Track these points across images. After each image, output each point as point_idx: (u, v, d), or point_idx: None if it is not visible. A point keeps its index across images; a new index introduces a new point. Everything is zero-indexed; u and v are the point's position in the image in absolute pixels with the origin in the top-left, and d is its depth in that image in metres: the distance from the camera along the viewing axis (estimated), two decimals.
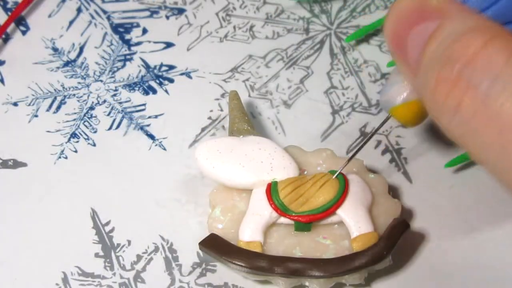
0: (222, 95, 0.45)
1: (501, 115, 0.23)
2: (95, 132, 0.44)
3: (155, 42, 0.48)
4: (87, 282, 0.38)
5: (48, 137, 0.44)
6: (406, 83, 0.30)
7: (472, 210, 0.41)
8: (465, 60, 0.24)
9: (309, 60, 0.47)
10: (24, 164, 0.42)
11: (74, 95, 0.45)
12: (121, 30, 0.49)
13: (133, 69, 0.47)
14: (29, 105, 0.45)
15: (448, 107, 0.24)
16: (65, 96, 0.45)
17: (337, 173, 0.37)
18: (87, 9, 0.50)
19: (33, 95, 0.45)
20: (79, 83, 0.46)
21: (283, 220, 0.37)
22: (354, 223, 0.36)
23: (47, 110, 0.45)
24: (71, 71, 0.47)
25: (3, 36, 0.48)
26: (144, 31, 0.49)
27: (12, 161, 0.43)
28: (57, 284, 0.38)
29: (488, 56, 0.23)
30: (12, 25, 0.49)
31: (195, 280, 0.38)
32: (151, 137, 0.44)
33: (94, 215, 0.41)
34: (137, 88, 0.46)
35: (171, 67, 0.47)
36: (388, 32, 0.27)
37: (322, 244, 0.37)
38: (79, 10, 0.49)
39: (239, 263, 0.36)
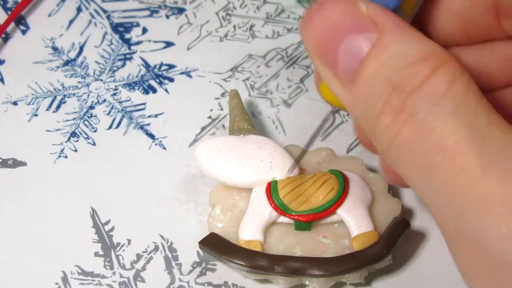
0: (222, 94, 0.45)
1: (431, 140, 0.23)
2: (95, 131, 0.44)
3: (155, 42, 0.48)
4: (87, 281, 0.38)
5: (48, 136, 0.44)
6: None
7: None
8: (411, 89, 0.23)
9: (309, 59, 0.47)
10: (23, 163, 0.42)
11: (74, 94, 0.45)
12: (121, 29, 0.49)
13: (133, 68, 0.47)
14: (29, 104, 0.45)
15: (388, 134, 0.24)
16: (65, 95, 0.45)
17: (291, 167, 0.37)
18: (87, 8, 0.50)
19: (33, 94, 0.45)
20: (79, 82, 0.46)
21: (283, 219, 0.37)
22: (354, 222, 0.36)
23: (47, 109, 0.45)
24: (71, 70, 0.47)
25: (3, 35, 0.48)
26: (144, 30, 0.49)
27: (11, 160, 0.43)
28: (56, 283, 0.38)
29: (433, 85, 0.23)
30: (12, 24, 0.49)
31: (195, 279, 0.38)
32: (151, 136, 0.44)
33: (94, 214, 0.41)
34: (137, 87, 0.46)
35: (171, 67, 0.47)
36: (313, 40, 0.25)
37: (322, 243, 0.37)
38: (79, 10, 0.49)
39: (239, 262, 0.36)
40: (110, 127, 0.44)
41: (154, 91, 0.46)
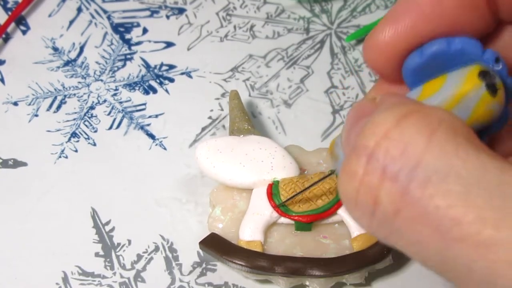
0: (223, 95, 0.45)
1: (432, 212, 0.18)
2: (95, 131, 0.44)
3: (155, 42, 0.48)
4: (87, 282, 0.38)
5: (48, 136, 0.44)
6: None
7: None
8: (374, 144, 0.19)
9: (310, 59, 0.47)
10: (24, 164, 0.42)
11: (74, 94, 0.45)
12: (122, 29, 0.49)
13: (133, 69, 0.47)
14: (30, 104, 0.45)
15: (363, 206, 0.19)
16: (65, 96, 0.45)
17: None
18: (87, 8, 0.50)
19: (33, 94, 0.45)
20: (79, 82, 0.46)
21: (283, 219, 0.37)
22: (355, 222, 0.36)
23: (48, 110, 0.45)
24: (71, 70, 0.47)
25: (4, 35, 0.48)
26: (145, 30, 0.48)
27: (12, 160, 0.43)
28: (57, 284, 0.38)
29: (403, 137, 0.18)
30: (13, 24, 0.49)
31: (195, 279, 0.38)
32: (152, 136, 0.44)
33: (94, 214, 0.41)
34: (137, 88, 0.46)
35: (171, 67, 0.47)
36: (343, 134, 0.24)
37: (323, 243, 0.37)
38: (79, 10, 0.49)
39: (239, 263, 0.36)
40: (110, 128, 0.44)
41: (155, 91, 0.46)
